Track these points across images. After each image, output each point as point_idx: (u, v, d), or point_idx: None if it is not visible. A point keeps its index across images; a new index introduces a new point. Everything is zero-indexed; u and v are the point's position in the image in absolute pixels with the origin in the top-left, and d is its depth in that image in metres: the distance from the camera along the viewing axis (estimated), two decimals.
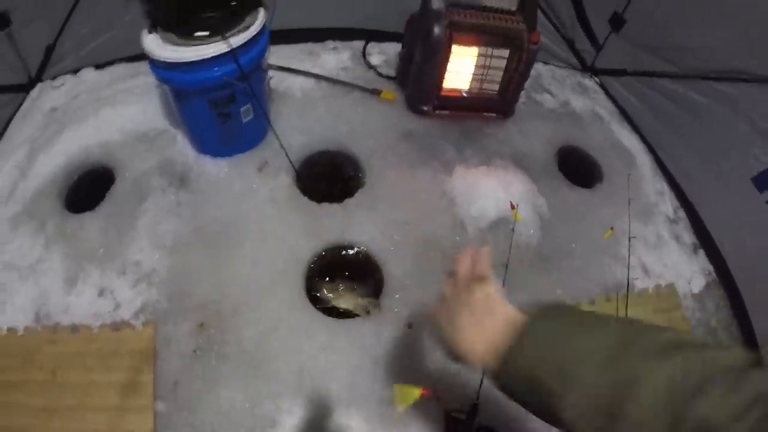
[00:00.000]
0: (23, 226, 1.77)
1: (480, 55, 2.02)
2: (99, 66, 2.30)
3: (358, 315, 1.68)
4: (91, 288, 1.65)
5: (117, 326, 1.60)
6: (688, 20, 2.09)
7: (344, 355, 1.57)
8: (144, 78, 2.17)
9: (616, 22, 2.33)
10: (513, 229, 1.86)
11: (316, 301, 1.69)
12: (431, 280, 1.75)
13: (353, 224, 1.83)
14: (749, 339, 2.02)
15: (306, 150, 2.02)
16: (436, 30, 1.91)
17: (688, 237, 2.28)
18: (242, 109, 1.82)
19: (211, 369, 1.54)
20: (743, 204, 2.00)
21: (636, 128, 2.49)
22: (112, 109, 2.10)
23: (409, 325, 1.67)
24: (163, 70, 1.59)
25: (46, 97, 2.20)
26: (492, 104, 2.21)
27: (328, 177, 1.99)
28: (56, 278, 1.66)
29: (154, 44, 1.56)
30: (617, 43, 2.46)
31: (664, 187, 2.37)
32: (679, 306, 2.07)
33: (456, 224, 1.89)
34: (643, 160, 2.41)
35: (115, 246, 1.75)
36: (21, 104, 2.18)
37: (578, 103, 2.49)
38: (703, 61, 2.09)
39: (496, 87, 2.17)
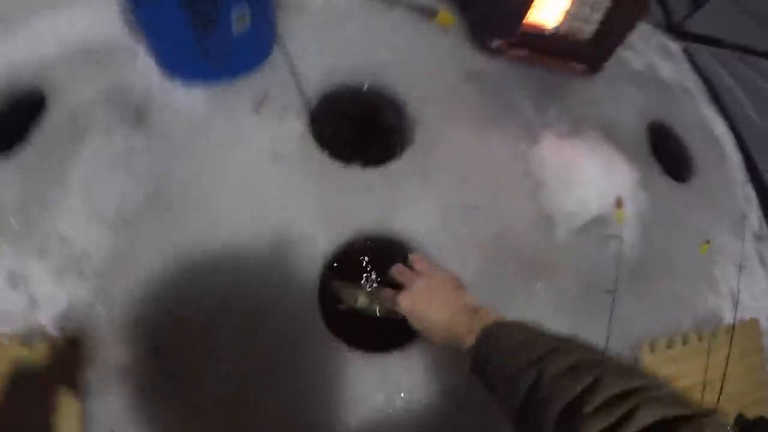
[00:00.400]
0: None
1: None
2: None
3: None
4: None
5: (29, 337, 0.95)
6: None
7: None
8: None
9: None
10: (621, 238, 1.30)
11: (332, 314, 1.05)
12: (504, 295, 1.16)
13: (400, 203, 1.18)
14: None
15: (327, 83, 1.31)
16: None
17: None
18: (234, 13, 1.08)
19: (168, 416, 0.89)
20: None
21: (728, 115, 1.97)
22: (50, 14, 1.29)
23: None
24: None
25: None
26: (581, 52, 1.59)
27: (360, 124, 1.30)
28: None
29: None
30: (721, 5, 1.90)
31: (751, 192, 1.89)
32: (761, 349, 1.62)
33: (542, 219, 1.29)
34: (733, 156, 1.90)
35: (35, 211, 1.06)
36: None
37: (665, 69, 1.92)
38: None
39: (593, 29, 1.55)
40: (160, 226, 1.05)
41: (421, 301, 0.85)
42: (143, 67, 1.23)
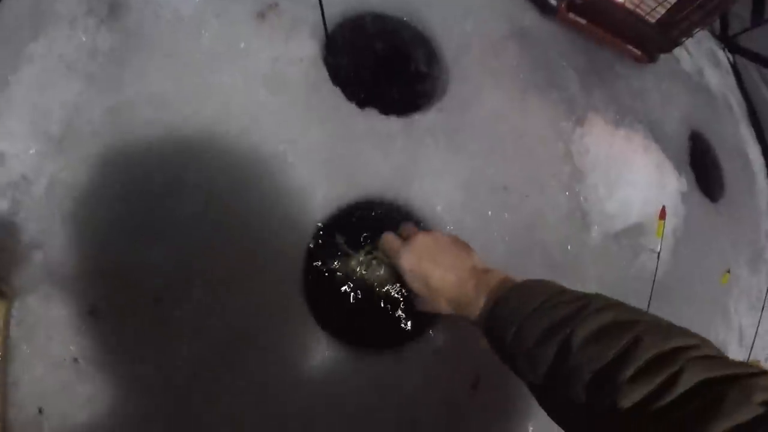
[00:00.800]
0: None
1: None
2: None
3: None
4: None
5: None
6: None
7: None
8: None
9: None
10: (659, 254, 1.12)
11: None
12: None
13: (420, 166, 0.96)
14: None
15: (354, 3, 1.06)
16: None
17: None
18: None
19: (104, 394, 0.66)
20: None
21: (764, 140, 1.81)
22: None
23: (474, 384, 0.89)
24: None
25: None
26: (643, 36, 1.39)
27: (386, 62, 1.06)
28: None
29: None
30: None
31: None
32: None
33: (577, 215, 1.09)
34: (763, 185, 1.76)
35: None
36: None
37: (713, 78, 1.74)
38: None
39: (662, 13, 1.35)
40: (117, 154, 0.79)
41: (425, 258, 0.71)
42: None
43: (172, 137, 0.84)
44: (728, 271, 1.47)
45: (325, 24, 0.99)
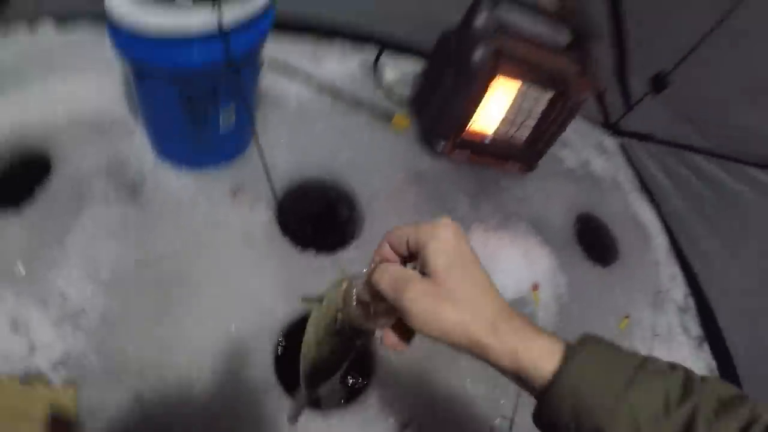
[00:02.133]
0: None
1: (520, 93, 1.69)
2: (61, 21, 1.75)
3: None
4: (1, 315, 1.21)
5: (29, 378, 1.16)
6: (742, 97, 1.86)
7: None
8: (111, 49, 1.67)
9: (659, 82, 2.07)
10: (536, 315, 1.56)
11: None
12: (428, 367, 1.41)
13: None
14: None
15: (294, 176, 1.62)
16: (479, 55, 1.56)
17: (695, 329, 2.06)
18: (223, 111, 1.39)
19: None
20: (760, 298, 1.81)
21: (655, 203, 2.25)
22: (62, 80, 1.59)
23: (404, 426, 1.31)
24: (126, 37, 1.13)
25: None
26: (517, 154, 1.89)
27: (318, 215, 1.59)
28: None
29: (124, 3, 1.09)
30: (652, 104, 2.21)
31: (677, 271, 2.14)
32: None
33: None
34: (660, 240, 2.17)
35: (39, 264, 1.30)
36: None
37: (598, 165, 2.22)
38: (748, 144, 1.87)
39: (526, 134, 1.85)
40: (145, 292, 1.31)
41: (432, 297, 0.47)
42: (139, 146, 1.53)
43: (183, 282, 1.35)
44: (627, 317, 1.86)
45: (275, 195, 1.53)
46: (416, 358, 1.40)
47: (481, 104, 1.67)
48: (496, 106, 1.74)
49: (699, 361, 1.96)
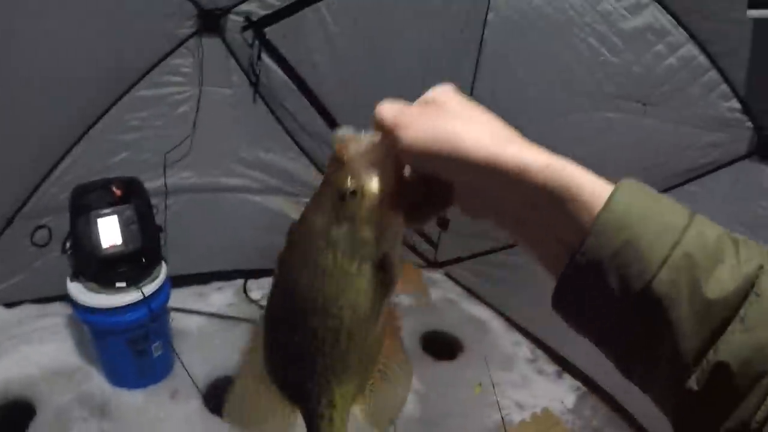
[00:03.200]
0: None
1: None
2: (8, 304, 2.60)
3: None
4: None
5: None
6: None
7: None
8: (53, 318, 2.59)
9: (442, 223, 3.05)
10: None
11: None
12: None
13: None
14: (634, 425, 2.40)
15: (211, 376, 2.45)
16: None
17: (551, 368, 2.77)
18: (154, 345, 2.28)
19: None
20: None
21: (483, 300, 3.15)
22: (28, 346, 2.45)
23: None
24: (87, 313, 2.04)
25: None
26: None
27: None
28: None
29: (79, 291, 2.02)
30: (449, 238, 3.14)
31: (519, 337, 2.94)
32: (559, 421, 2.47)
33: None
34: (496, 323, 3.00)
35: None
36: None
37: (432, 294, 3.18)
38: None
39: None
40: None
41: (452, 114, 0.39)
42: (98, 381, 2.30)
43: None
44: (479, 384, 2.59)
45: (198, 391, 2.36)
46: None
47: None
48: None
49: (562, 387, 2.66)
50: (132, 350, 2.26)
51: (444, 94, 0.41)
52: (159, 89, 2.44)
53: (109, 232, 2.01)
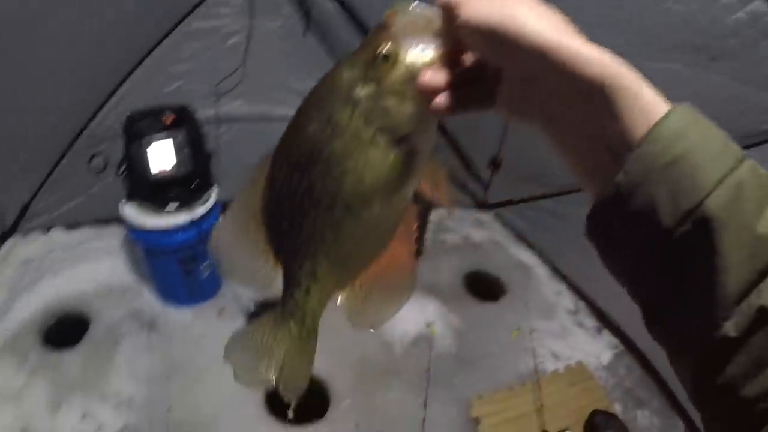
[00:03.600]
0: (5, 359, 2.12)
1: None
2: (69, 226, 2.79)
3: None
4: (74, 412, 1.97)
5: None
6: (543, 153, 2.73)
7: None
8: (109, 239, 2.73)
9: (495, 163, 2.99)
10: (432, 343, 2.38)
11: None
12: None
13: None
14: (665, 391, 2.37)
15: (256, 297, 2.51)
16: None
17: (591, 322, 2.72)
18: (202, 266, 2.35)
19: None
20: None
21: (531, 246, 3.09)
22: (84, 264, 2.59)
23: None
24: (139, 234, 2.15)
25: (19, 250, 2.64)
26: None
27: None
28: (39, 404, 1.98)
29: (132, 212, 2.11)
30: (501, 179, 3.06)
31: (563, 287, 2.87)
32: (592, 376, 2.45)
33: (384, 344, 2.39)
34: (541, 270, 2.95)
35: (95, 378, 2.10)
36: None
37: (477, 235, 3.13)
38: (564, 179, 2.71)
39: None
40: (172, 380, 2.11)
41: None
42: (148, 299, 2.45)
43: (191, 383, 2.25)
44: (518, 329, 2.59)
45: (246, 311, 2.49)
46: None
47: None
48: None
49: (600, 343, 2.62)
50: (181, 270, 2.36)
51: None
52: (210, 21, 2.45)
53: (161, 156, 2.07)
